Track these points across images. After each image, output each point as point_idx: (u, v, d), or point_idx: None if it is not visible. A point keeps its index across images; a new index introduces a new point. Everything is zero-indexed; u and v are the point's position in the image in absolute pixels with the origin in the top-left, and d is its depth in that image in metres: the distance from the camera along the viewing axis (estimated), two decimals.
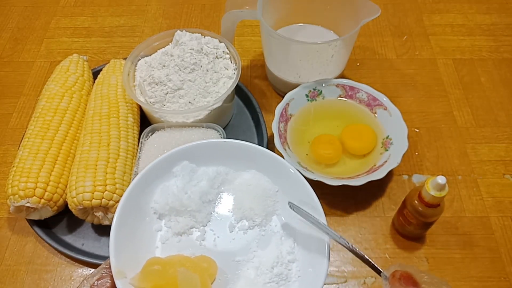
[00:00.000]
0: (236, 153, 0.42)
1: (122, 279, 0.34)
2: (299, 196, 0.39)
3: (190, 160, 0.41)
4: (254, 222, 0.40)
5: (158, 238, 0.39)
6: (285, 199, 0.40)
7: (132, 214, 0.38)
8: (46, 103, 0.63)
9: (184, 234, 0.39)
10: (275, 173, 0.40)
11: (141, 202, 0.39)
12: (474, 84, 0.75)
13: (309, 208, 0.38)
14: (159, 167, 0.40)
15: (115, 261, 0.35)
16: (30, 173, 0.56)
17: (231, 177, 0.42)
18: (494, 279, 0.56)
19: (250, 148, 0.41)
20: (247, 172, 0.42)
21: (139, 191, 0.39)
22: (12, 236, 0.61)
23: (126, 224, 0.37)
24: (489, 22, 0.84)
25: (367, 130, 0.65)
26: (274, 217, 0.40)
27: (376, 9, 0.61)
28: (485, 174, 0.65)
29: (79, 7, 0.91)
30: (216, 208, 0.41)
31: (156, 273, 0.33)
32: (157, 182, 0.40)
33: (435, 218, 0.53)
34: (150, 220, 0.39)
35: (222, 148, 0.42)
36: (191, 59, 0.62)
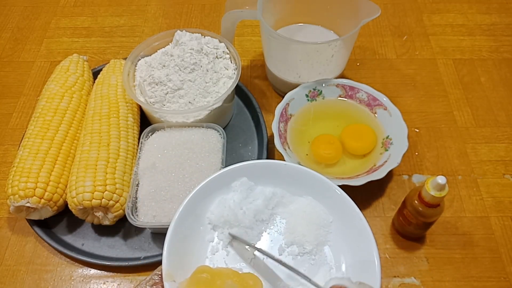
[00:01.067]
0: (295, 177, 0.42)
1: (171, 282, 0.34)
2: (354, 230, 0.38)
3: (249, 177, 0.42)
4: (305, 249, 0.40)
5: (209, 248, 0.40)
6: (339, 231, 0.39)
7: (188, 221, 0.39)
8: (46, 103, 0.63)
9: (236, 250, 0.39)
10: (332, 203, 0.40)
11: (198, 211, 0.40)
12: (474, 84, 0.75)
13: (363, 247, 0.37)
14: (220, 180, 0.41)
15: (166, 264, 0.36)
16: (30, 173, 0.56)
17: (286, 200, 0.42)
18: (494, 279, 0.56)
19: (309, 174, 0.41)
20: (303, 198, 0.42)
21: (198, 200, 0.40)
22: (12, 236, 0.61)
23: (181, 230, 0.38)
24: (489, 22, 0.85)
25: (367, 130, 0.65)
26: (326, 248, 0.40)
27: (376, 9, 0.61)
28: (485, 174, 0.65)
29: (79, 7, 0.91)
30: (268, 229, 0.41)
31: (204, 281, 0.34)
32: (216, 194, 0.41)
33: (435, 218, 0.53)
34: (204, 229, 0.40)
35: (282, 170, 0.42)
36: (191, 59, 0.62)
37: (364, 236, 0.37)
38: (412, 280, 0.56)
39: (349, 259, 0.38)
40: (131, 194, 0.56)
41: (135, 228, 0.59)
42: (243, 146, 0.68)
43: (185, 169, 0.57)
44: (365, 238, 0.37)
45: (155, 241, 0.59)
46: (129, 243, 0.59)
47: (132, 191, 0.56)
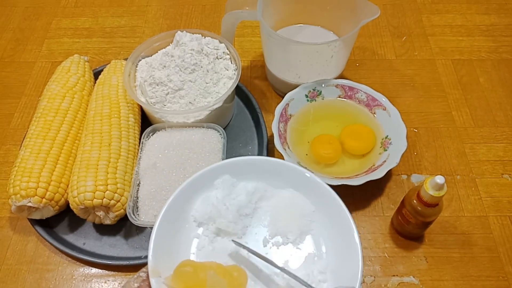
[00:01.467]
0: (275, 171, 0.43)
1: (156, 278, 0.35)
2: (335, 218, 0.40)
3: (231, 174, 0.43)
4: (288, 239, 0.41)
5: (195, 244, 0.41)
6: (321, 220, 0.40)
7: (173, 218, 0.40)
8: (48, 104, 0.63)
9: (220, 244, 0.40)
10: (313, 194, 0.41)
11: (183, 209, 0.41)
12: (473, 84, 0.76)
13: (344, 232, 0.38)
14: (203, 178, 0.43)
15: (152, 260, 0.36)
16: (32, 173, 0.56)
17: (269, 193, 0.43)
18: (492, 278, 0.56)
19: (289, 167, 0.42)
20: (285, 190, 0.43)
21: (182, 199, 0.41)
22: (13, 236, 0.61)
23: (167, 228, 0.39)
24: (488, 22, 0.85)
25: (366, 130, 0.65)
26: (308, 237, 0.41)
27: (376, 9, 0.61)
28: (483, 174, 0.65)
29: (80, 8, 0.91)
30: (252, 222, 0.42)
31: (187, 275, 0.35)
32: (199, 192, 0.43)
33: (434, 218, 0.54)
34: (189, 227, 0.41)
35: (262, 165, 0.43)
36: (191, 59, 0.63)
37: (344, 221, 0.39)
38: (411, 279, 0.56)
39: (332, 245, 0.40)
40: (132, 194, 0.56)
41: (136, 227, 0.60)
42: (243, 146, 0.68)
43: (185, 169, 0.58)
44: (345, 223, 0.39)
45: None
46: (130, 242, 0.59)
47: (133, 191, 0.57)
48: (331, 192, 0.41)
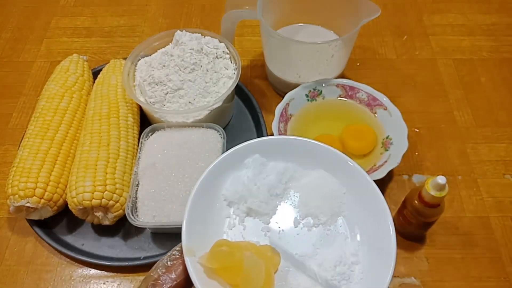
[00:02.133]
0: (306, 152, 0.43)
1: (191, 257, 0.35)
2: (367, 199, 0.39)
3: (261, 153, 0.43)
4: (319, 221, 0.41)
5: (226, 224, 0.41)
6: (353, 202, 0.40)
7: (204, 198, 0.39)
8: (46, 103, 0.63)
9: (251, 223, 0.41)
10: (344, 175, 0.41)
11: (213, 188, 0.41)
12: (474, 84, 0.75)
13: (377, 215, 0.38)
14: (233, 157, 0.42)
15: (186, 239, 0.36)
16: (30, 173, 0.56)
17: (299, 174, 0.43)
18: (494, 279, 0.56)
19: (320, 147, 0.42)
20: (315, 171, 0.43)
21: (212, 178, 0.41)
22: (12, 236, 0.61)
23: (198, 207, 0.39)
24: (489, 22, 0.84)
25: (367, 130, 0.65)
26: (340, 218, 0.41)
27: (376, 9, 0.61)
28: (485, 174, 0.65)
29: (79, 7, 0.91)
30: (282, 203, 0.42)
31: (223, 254, 0.35)
32: (230, 171, 0.42)
33: (435, 218, 0.53)
34: (220, 206, 0.41)
35: (292, 145, 0.43)
36: (191, 59, 0.62)
37: (377, 204, 0.38)
38: (412, 280, 0.56)
39: (364, 227, 0.40)
40: (131, 194, 0.56)
41: (135, 228, 0.59)
42: None
43: (185, 169, 0.57)
44: (378, 206, 0.38)
45: (155, 241, 0.59)
46: (129, 243, 0.59)
47: (132, 191, 0.56)
48: (363, 173, 0.40)
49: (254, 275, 0.34)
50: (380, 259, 0.37)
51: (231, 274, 0.35)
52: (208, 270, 0.35)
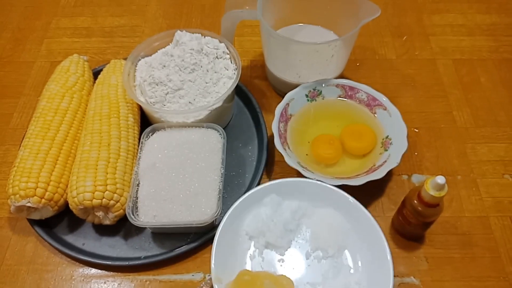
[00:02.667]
0: (316, 192, 0.48)
1: (219, 284, 0.42)
2: (368, 236, 0.44)
3: (277, 193, 0.48)
4: (328, 253, 0.46)
5: (248, 255, 0.47)
6: (356, 236, 0.45)
7: (229, 233, 0.45)
8: (47, 103, 0.63)
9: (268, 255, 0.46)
10: (349, 213, 0.46)
11: (236, 224, 0.47)
12: (473, 84, 0.76)
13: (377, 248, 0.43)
14: (253, 197, 0.48)
15: (214, 269, 0.43)
16: (31, 173, 0.56)
17: (310, 212, 0.48)
18: (493, 279, 0.56)
19: (329, 189, 0.48)
20: (324, 209, 0.48)
21: (236, 215, 0.46)
22: (13, 236, 0.61)
23: (224, 241, 0.45)
24: (489, 22, 0.85)
25: (366, 130, 0.65)
26: (345, 251, 0.46)
27: (376, 9, 0.61)
28: (484, 174, 0.65)
29: (80, 7, 0.91)
30: (296, 237, 0.47)
31: (246, 283, 0.41)
32: (250, 209, 0.47)
33: (435, 218, 0.53)
34: (242, 240, 0.47)
35: (305, 186, 0.48)
36: (191, 59, 0.62)
37: (376, 236, 0.44)
38: (411, 280, 0.56)
39: (365, 259, 0.45)
40: (131, 194, 0.56)
41: (135, 227, 0.60)
42: (243, 146, 0.68)
43: (185, 169, 0.57)
44: (376, 237, 0.44)
45: (155, 241, 0.59)
46: (129, 242, 0.59)
47: (133, 191, 0.56)
48: (365, 212, 0.45)
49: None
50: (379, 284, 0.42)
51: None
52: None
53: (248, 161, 0.66)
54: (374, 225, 0.45)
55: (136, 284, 0.56)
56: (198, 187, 0.56)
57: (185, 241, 0.58)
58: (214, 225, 0.59)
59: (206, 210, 0.54)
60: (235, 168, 0.65)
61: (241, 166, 0.65)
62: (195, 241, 0.58)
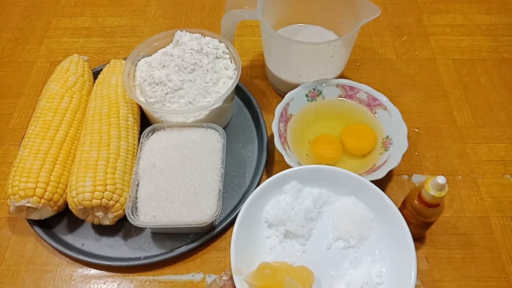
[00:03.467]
0: (339, 179, 0.47)
1: (239, 275, 0.41)
2: (392, 226, 0.43)
3: (298, 180, 0.47)
4: (349, 244, 0.45)
5: (267, 244, 0.45)
6: (379, 227, 0.44)
7: (248, 221, 0.44)
8: (47, 103, 0.63)
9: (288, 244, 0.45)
10: (373, 202, 0.45)
11: (256, 211, 0.45)
12: (473, 84, 0.76)
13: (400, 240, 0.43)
14: (273, 184, 0.46)
15: (234, 259, 0.42)
16: (31, 173, 0.56)
17: (332, 199, 0.47)
18: (494, 279, 0.56)
19: (352, 176, 0.47)
20: (346, 198, 0.47)
21: (255, 202, 0.45)
22: (12, 236, 0.61)
23: (243, 230, 0.44)
24: (489, 22, 0.85)
25: (367, 130, 0.65)
26: (367, 242, 0.45)
27: (376, 9, 0.61)
28: (485, 174, 0.65)
29: (79, 7, 0.91)
30: (316, 226, 0.46)
31: (267, 276, 0.41)
32: (270, 196, 0.47)
33: (435, 218, 0.53)
34: (261, 227, 0.46)
35: (327, 173, 0.47)
36: (191, 59, 0.62)
37: (401, 230, 0.43)
38: None
39: (388, 251, 0.44)
40: (131, 194, 0.56)
41: (135, 228, 0.60)
42: (243, 146, 0.68)
43: (185, 169, 0.57)
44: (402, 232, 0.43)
45: (155, 241, 0.59)
46: (129, 243, 0.59)
47: (132, 191, 0.56)
48: (389, 201, 0.44)
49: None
50: (401, 280, 0.42)
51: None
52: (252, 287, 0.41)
53: (248, 161, 0.66)
54: (398, 216, 0.44)
55: (135, 285, 0.56)
56: (198, 187, 0.56)
57: (185, 241, 0.58)
58: (214, 225, 0.59)
59: (206, 210, 0.54)
60: (235, 168, 0.65)
61: (241, 166, 0.65)
62: (195, 241, 0.58)
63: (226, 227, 0.59)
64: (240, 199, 0.62)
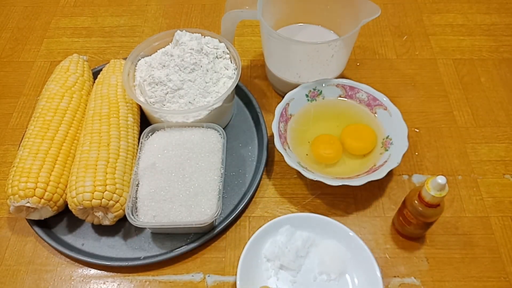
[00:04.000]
0: (323, 225, 0.57)
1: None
2: (364, 264, 0.54)
3: (291, 225, 0.57)
4: (331, 277, 0.55)
5: (265, 275, 0.56)
6: (354, 262, 0.55)
7: (251, 256, 0.55)
8: (46, 103, 0.63)
9: (283, 275, 0.56)
10: (349, 245, 0.56)
11: (257, 249, 0.56)
12: (474, 84, 0.75)
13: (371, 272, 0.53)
14: (271, 227, 0.57)
15: (240, 283, 0.52)
16: (30, 173, 0.56)
17: (318, 242, 0.58)
18: (494, 279, 0.56)
19: (334, 224, 0.57)
20: (329, 240, 0.57)
21: (256, 241, 0.56)
22: (12, 236, 0.61)
23: (247, 261, 0.54)
24: (489, 22, 0.85)
25: (367, 130, 0.65)
26: (346, 275, 0.55)
27: (376, 9, 0.61)
28: (485, 174, 0.65)
29: (79, 7, 0.91)
30: (305, 262, 0.57)
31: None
32: (268, 237, 0.57)
33: (435, 218, 0.53)
34: (260, 261, 0.56)
35: (313, 220, 0.58)
36: (191, 59, 0.62)
37: (370, 263, 0.54)
38: (412, 280, 0.56)
39: (361, 279, 0.55)
40: (131, 194, 0.56)
41: (135, 228, 0.59)
42: (243, 146, 0.68)
43: (185, 169, 0.57)
44: (370, 264, 0.54)
45: (155, 241, 0.59)
46: (129, 243, 0.59)
47: (132, 191, 0.56)
48: (362, 243, 0.55)
49: None
50: None
51: None
52: None
53: (248, 161, 0.66)
54: (368, 254, 0.54)
55: (135, 285, 0.56)
56: (198, 187, 0.56)
57: (185, 241, 0.58)
58: (214, 225, 0.59)
59: (206, 210, 0.54)
60: (235, 168, 0.65)
61: (241, 166, 0.65)
62: (195, 241, 0.58)
63: (226, 227, 0.59)
64: (240, 199, 0.62)
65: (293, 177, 0.65)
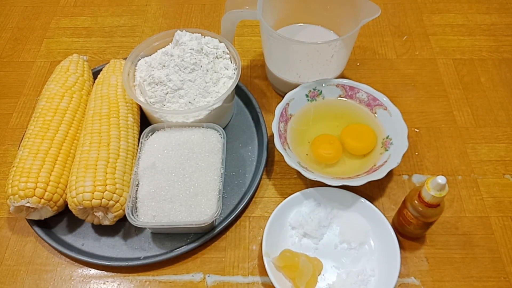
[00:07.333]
0: (347, 199, 0.60)
1: (267, 258, 0.55)
2: (383, 235, 0.57)
3: (315, 198, 0.61)
4: (351, 246, 0.58)
5: (290, 241, 0.59)
6: (375, 234, 0.58)
7: (276, 223, 0.58)
8: (46, 103, 0.63)
9: (305, 242, 0.59)
10: (370, 217, 0.59)
11: (283, 217, 0.59)
12: (474, 84, 0.75)
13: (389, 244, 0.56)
14: (297, 199, 0.60)
15: (265, 246, 0.55)
16: (30, 173, 0.56)
17: (340, 214, 0.60)
18: (494, 279, 0.56)
19: (356, 198, 0.60)
20: (351, 213, 0.60)
21: (283, 210, 0.59)
22: (12, 236, 0.61)
23: (273, 227, 0.58)
24: (489, 22, 0.85)
25: (367, 130, 0.65)
26: (365, 246, 0.58)
27: (376, 9, 0.61)
28: (485, 174, 0.65)
29: (79, 7, 0.91)
30: (327, 231, 0.60)
31: (287, 258, 0.55)
32: (294, 207, 0.60)
33: (435, 218, 0.53)
34: (286, 229, 0.60)
35: (337, 194, 0.60)
36: (191, 59, 0.62)
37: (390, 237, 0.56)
38: (412, 280, 0.56)
39: (380, 252, 0.57)
40: (131, 194, 0.56)
41: (135, 228, 0.59)
42: (243, 146, 0.68)
43: (185, 169, 0.57)
44: (391, 238, 0.56)
45: (155, 241, 0.59)
46: (129, 243, 0.59)
47: (132, 191, 0.56)
48: (383, 217, 0.57)
49: (305, 271, 0.54)
50: (388, 273, 0.54)
51: (291, 270, 0.55)
52: (277, 267, 0.55)
53: (248, 161, 0.66)
54: (388, 227, 0.56)
55: (135, 285, 0.56)
56: (198, 187, 0.56)
57: (185, 241, 0.58)
58: (214, 225, 0.59)
59: (206, 210, 0.54)
60: (235, 168, 0.65)
61: (241, 166, 0.65)
62: (195, 241, 0.58)
63: (226, 227, 0.59)
64: (240, 199, 0.62)
65: (293, 177, 0.65)
